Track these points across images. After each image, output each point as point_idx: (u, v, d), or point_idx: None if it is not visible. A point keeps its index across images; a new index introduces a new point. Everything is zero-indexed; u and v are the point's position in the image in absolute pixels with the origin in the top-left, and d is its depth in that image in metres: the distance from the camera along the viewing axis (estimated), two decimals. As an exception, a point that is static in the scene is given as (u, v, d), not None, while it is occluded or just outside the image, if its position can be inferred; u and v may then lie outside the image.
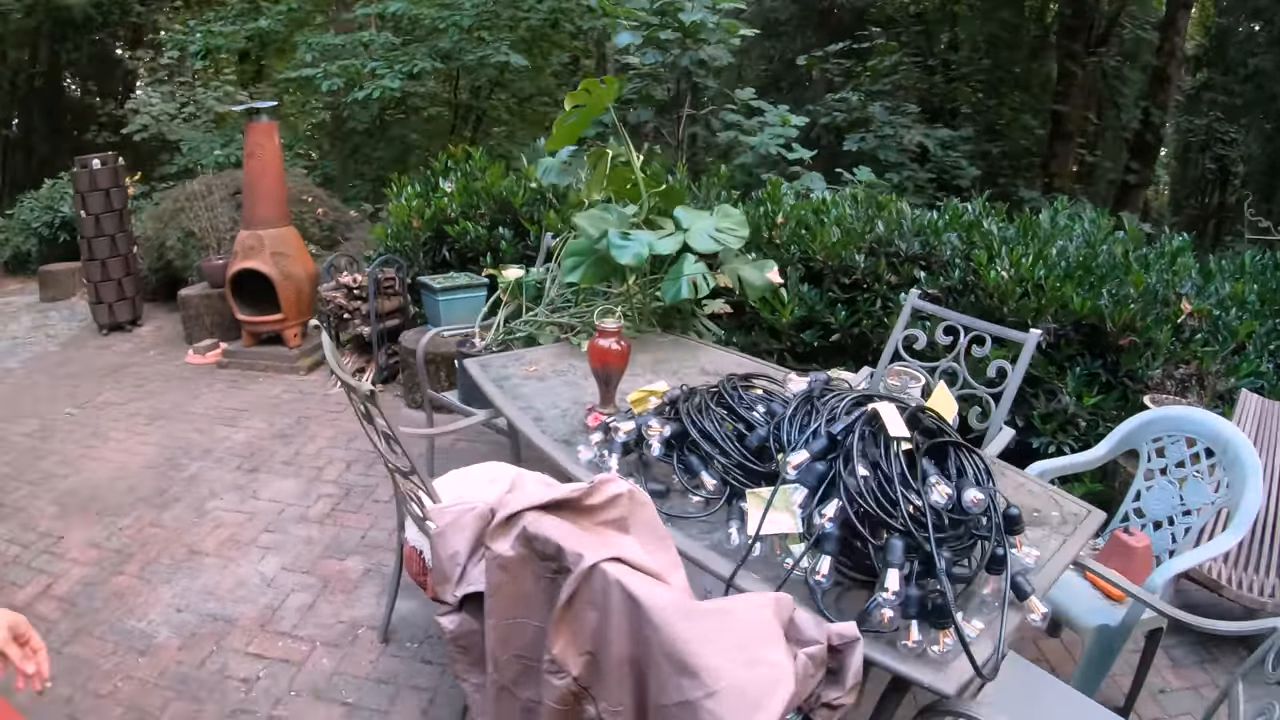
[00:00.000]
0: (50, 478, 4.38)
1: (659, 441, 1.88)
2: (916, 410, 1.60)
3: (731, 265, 2.96)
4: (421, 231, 5.05)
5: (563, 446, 2.18)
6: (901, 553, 1.38)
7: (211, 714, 2.56)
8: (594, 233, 2.88)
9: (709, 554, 1.68)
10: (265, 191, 5.68)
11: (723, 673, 1.23)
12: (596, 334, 2.29)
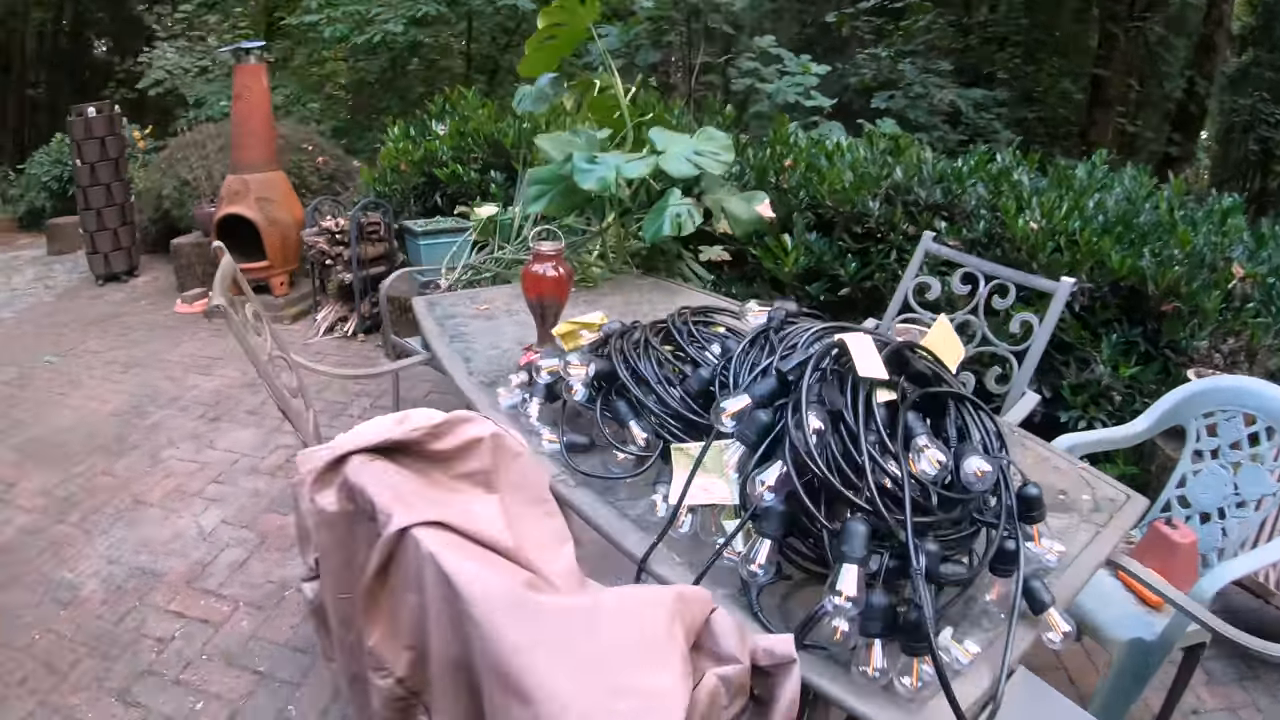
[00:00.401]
0: (17, 425, 4.17)
1: (582, 384, 1.46)
2: (903, 348, 1.14)
3: (715, 196, 2.51)
4: (410, 175, 4.66)
5: (485, 390, 1.77)
6: (864, 542, 0.93)
7: (119, 675, 2.34)
8: (557, 156, 2.45)
9: (626, 528, 1.25)
10: (252, 133, 5.32)
11: (567, 701, 0.80)
12: (531, 258, 1.86)
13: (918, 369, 1.12)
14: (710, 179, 2.59)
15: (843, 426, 1.00)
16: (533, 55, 2.86)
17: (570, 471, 1.40)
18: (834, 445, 1.00)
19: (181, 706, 2.21)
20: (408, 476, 1.09)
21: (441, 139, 4.49)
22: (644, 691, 0.81)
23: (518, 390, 1.65)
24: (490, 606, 0.87)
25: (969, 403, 1.12)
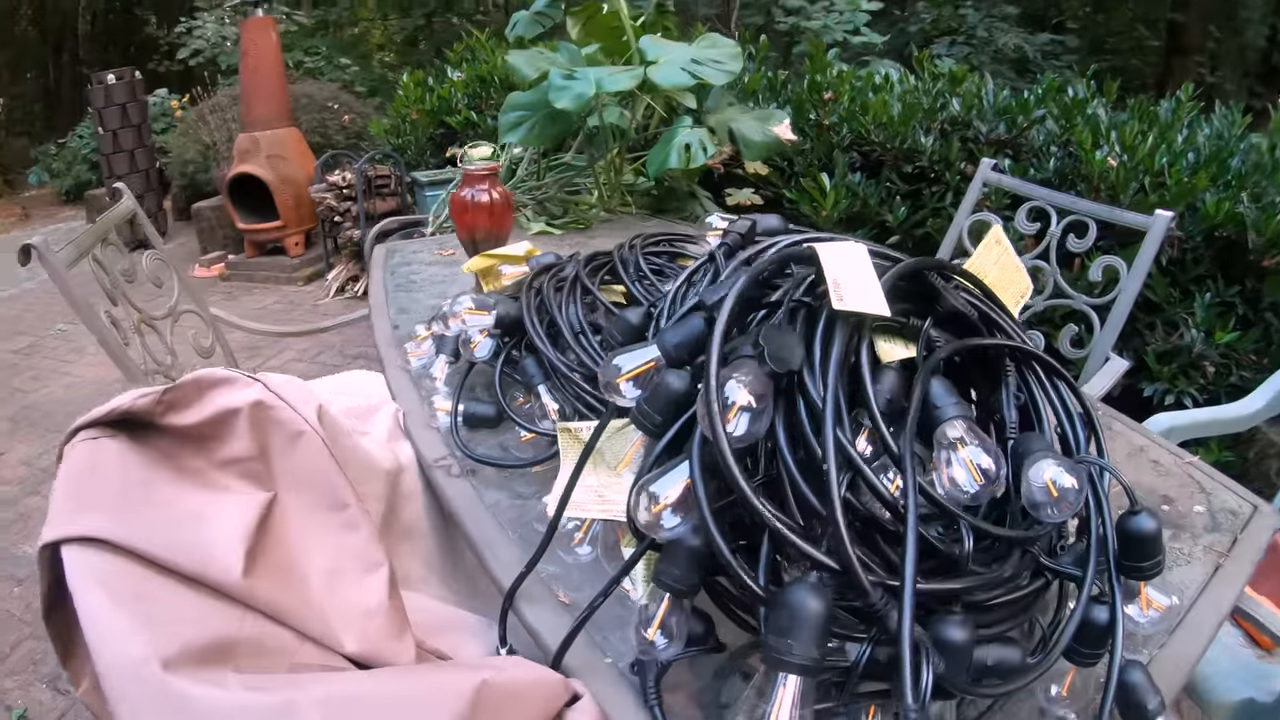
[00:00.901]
0: (15, 393, 4.06)
1: (483, 334, 1.03)
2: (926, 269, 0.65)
3: (723, 116, 2.03)
4: (422, 124, 4.24)
5: (398, 348, 1.34)
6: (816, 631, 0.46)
7: (53, 660, 2.12)
8: (531, 73, 2.00)
9: (503, 542, 0.81)
10: (261, 89, 4.99)
11: None
12: (462, 179, 1.42)
13: (954, 307, 0.65)
14: (718, 97, 2.13)
15: (801, 403, 0.55)
16: None
17: (460, 455, 0.97)
18: (782, 437, 0.54)
19: None
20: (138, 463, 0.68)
21: (455, 85, 4.08)
22: None
23: (428, 346, 1.22)
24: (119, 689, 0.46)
25: (1042, 365, 0.65)
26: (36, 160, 12.41)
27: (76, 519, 0.60)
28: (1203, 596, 0.76)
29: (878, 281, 0.56)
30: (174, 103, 8.73)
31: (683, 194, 2.36)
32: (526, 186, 2.38)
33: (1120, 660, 0.57)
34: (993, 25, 5.75)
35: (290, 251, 5.08)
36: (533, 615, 0.71)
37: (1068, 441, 0.64)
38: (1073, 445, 0.63)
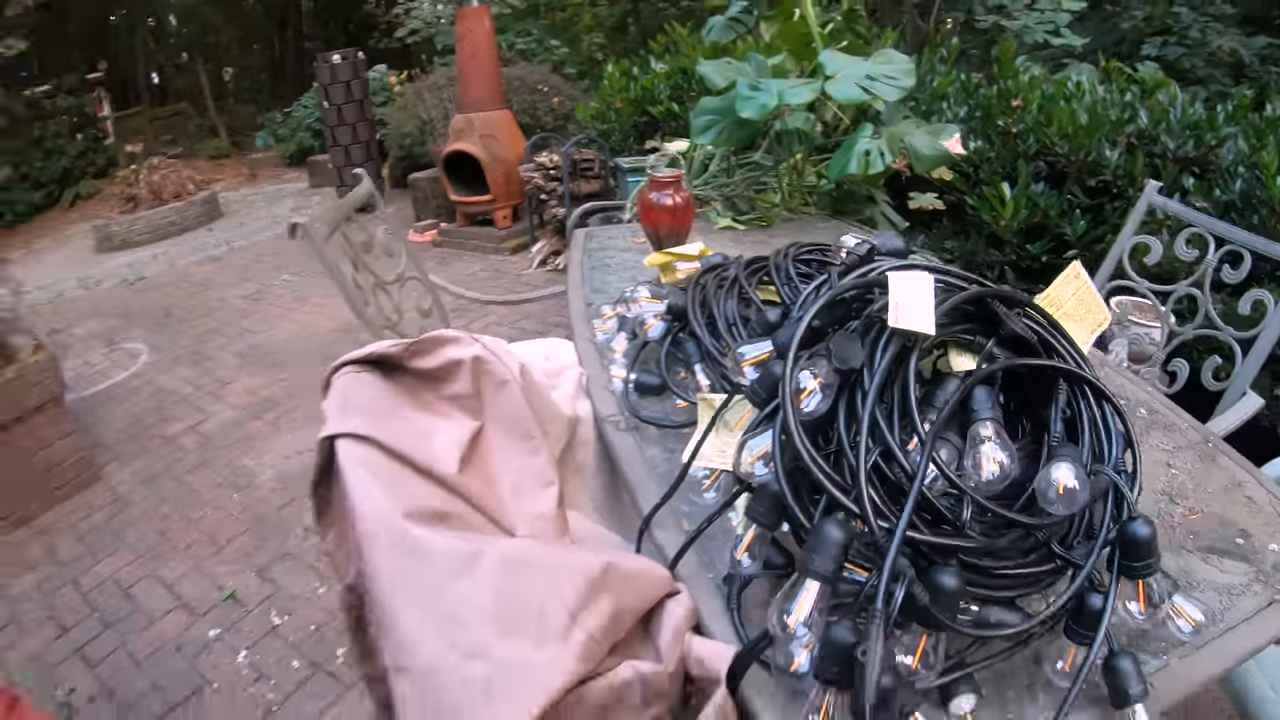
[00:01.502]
0: (244, 334, 4.73)
1: (655, 319, 1.28)
2: (991, 297, 0.83)
3: (895, 129, 2.16)
4: (626, 112, 4.58)
5: (590, 321, 1.62)
6: (837, 553, 0.68)
7: (264, 553, 2.65)
8: (720, 82, 2.23)
9: (652, 483, 1.06)
10: (476, 74, 5.51)
11: (419, 650, 0.67)
12: (649, 184, 1.68)
13: (1015, 331, 0.82)
14: (893, 109, 2.27)
15: (856, 389, 0.75)
16: None
17: (628, 413, 1.23)
18: (841, 417, 0.75)
19: (306, 588, 2.44)
20: (384, 391, 0.98)
21: (658, 76, 4.37)
22: (502, 661, 0.66)
23: (613, 323, 1.50)
24: (373, 534, 0.75)
25: (1090, 387, 0.81)
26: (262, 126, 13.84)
27: (346, 421, 0.90)
28: (1244, 624, 0.87)
29: (932, 307, 0.75)
30: (392, 78, 9.54)
31: (861, 197, 2.51)
32: (717, 183, 2.60)
33: (1107, 642, 0.74)
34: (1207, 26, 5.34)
35: (498, 224, 5.61)
36: (662, 536, 0.96)
37: (1102, 455, 0.80)
38: (1105, 458, 0.79)
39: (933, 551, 0.68)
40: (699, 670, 0.75)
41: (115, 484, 3.19)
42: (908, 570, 0.65)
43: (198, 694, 2.10)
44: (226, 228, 8.24)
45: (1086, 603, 0.74)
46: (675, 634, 0.77)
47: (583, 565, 0.75)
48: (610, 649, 0.77)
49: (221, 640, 2.27)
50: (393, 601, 0.74)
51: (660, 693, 0.76)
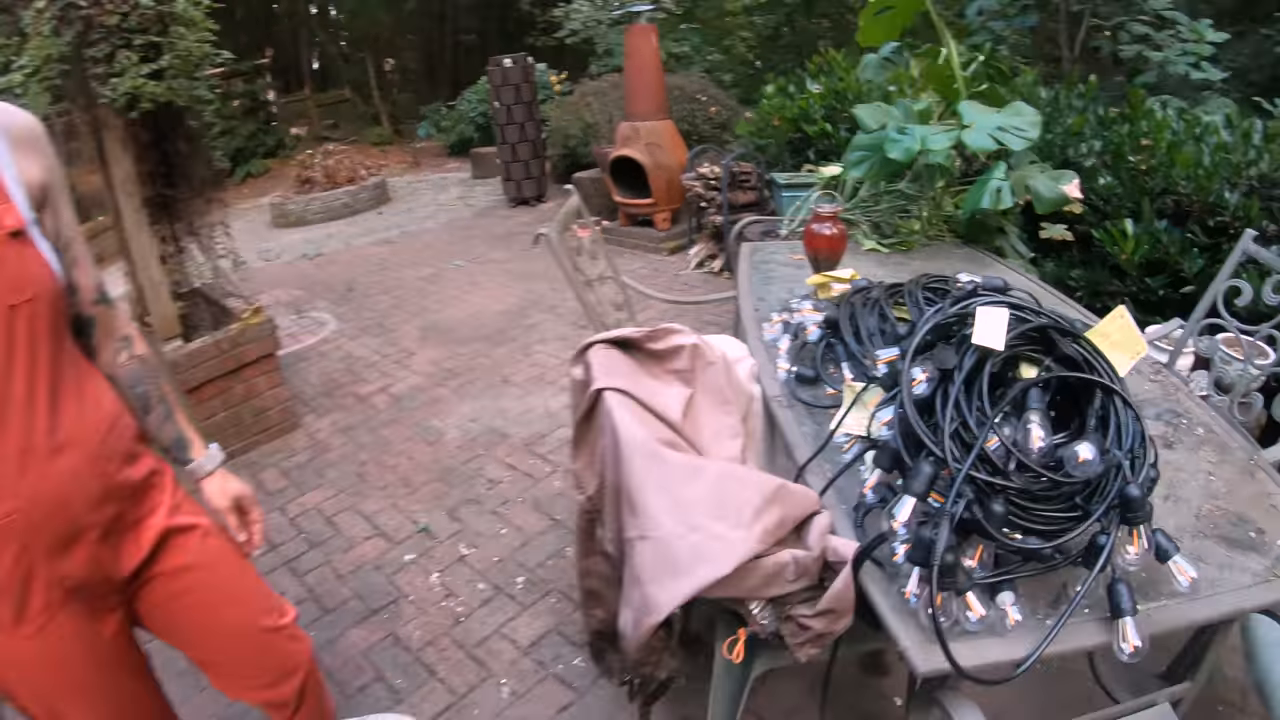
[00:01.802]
0: (424, 311, 5.38)
1: (814, 326, 1.74)
2: (1052, 329, 1.25)
3: (1021, 172, 2.53)
4: (783, 130, 4.99)
5: (757, 324, 2.09)
6: (926, 481, 1.12)
7: (453, 497, 3.17)
8: (872, 125, 2.65)
9: (803, 442, 1.52)
10: (643, 87, 6.04)
11: (658, 523, 1.15)
12: (812, 216, 2.13)
13: (1066, 353, 1.24)
14: (1019, 154, 2.61)
15: (948, 383, 1.18)
16: (868, 26, 3.03)
17: (789, 396, 1.69)
18: (939, 399, 1.18)
19: (490, 529, 2.94)
20: (626, 362, 1.48)
21: (814, 97, 4.76)
22: (710, 535, 1.13)
23: (779, 327, 1.95)
24: (631, 451, 1.23)
25: (1118, 397, 1.22)
26: (424, 117, 14.77)
27: (610, 380, 1.40)
28: (1229, 594, 1.20)
29: (1003, 332, 1.17)
30: (552, 77, 10.17)
31: (992, 228, 2.85)
32: (865, 208, 3.00)
33: (1111, 572, 1.14)
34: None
35: (658, 225, 6.16)
36: (811, 480, 1.42)
37: (1120, 443, 1.19)
38: (1121, 445, 1.19)
39: (988, 488, 1.11)
40: (834, 557, 1.20)
41: (314, 431, 3.85)
42: (969, 493, 1.09)
43: (395, 603, 2.61)
44: (396, 212, 9.04)
45: (1095, 541, 1.15)
46: (819, 535, 1.23)
47: (765, 484, 1.22)
48: (777, 541, 1.23)
49: (416, 564, 2.79)
50: (643, 494, 1.23)
51: (806, 571, 1.22)
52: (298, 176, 9.96)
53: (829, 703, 1.87)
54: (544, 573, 2.65)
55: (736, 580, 1.17)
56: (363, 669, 2.35)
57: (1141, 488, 1.13)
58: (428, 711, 2.17)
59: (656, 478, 1.21)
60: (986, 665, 1.09)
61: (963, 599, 1.10)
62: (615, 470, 1.32)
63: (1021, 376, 1.23)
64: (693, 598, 1.16)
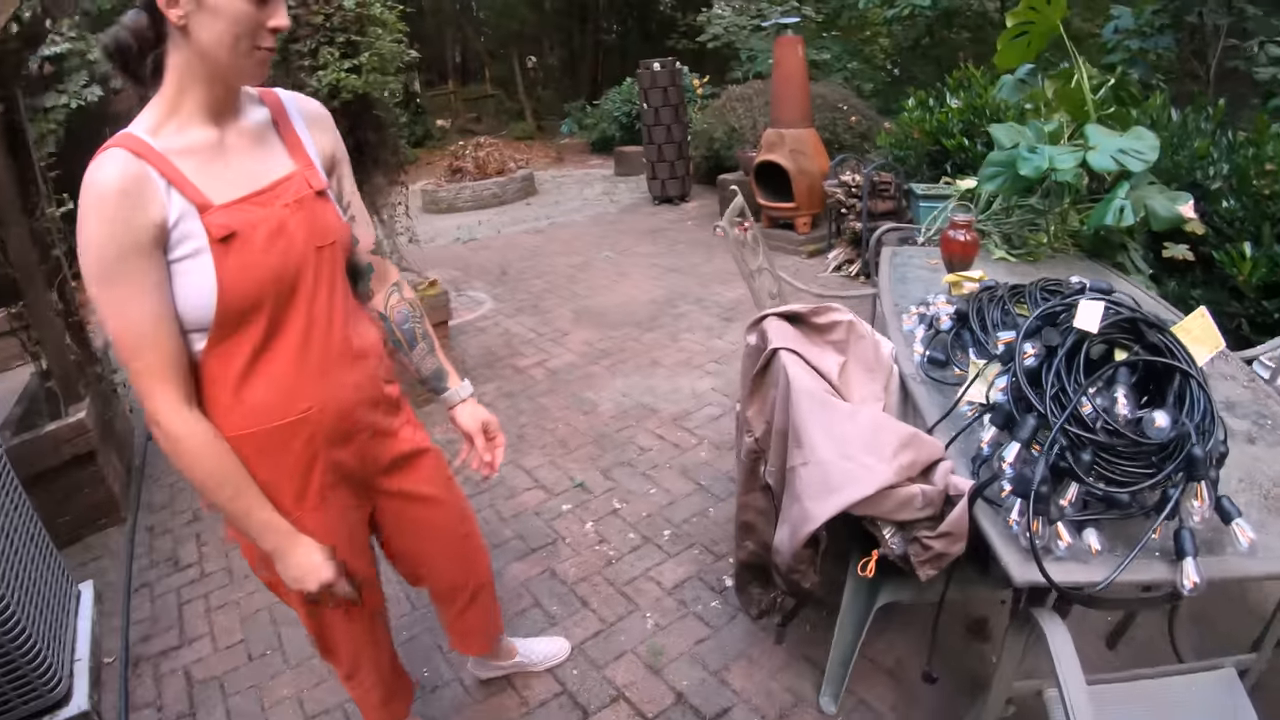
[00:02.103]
0: (575, 296, 5.89)
1: (948, 317, 2.08)
2: (1139, 321, 1.57)
3: (1140, 192, 2.76)
4: (922, 142, 5.24)
5: (898, 315, 2.44)
6: (1029, 431, 1.46)
7: (605, 460, 3.59)
8: (1006, 143, 2.93)
9: (933, 410, 1.87)
10: (788, 96, 6.40)
11: (818, 452, 1.53)
12: (948, 224, 2.46)
13: (1152, 341, 1.55)
14: (1138, 175, 2.81)
15: (1052, 358, 1.52)
16: (1005, 50, 3.29)
17: (923, 374, 2.04)
18: (1045, 370, 1.52)
19: (640, 488, 3.34)
20: (794, 331, 1.87)
21: (953, 112, 5.00)
22: (861, 464, 1.51)
23: (915, 318, 2.30)
24: (800, 396, 1.63)
25: (1195, 381, 1.53)
26: (568, 114, 15.43)
27: (784, 342, 1.79)
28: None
29: (1098, 320, 1.50)
30: (694, 81, 10.58)
31: (1115, 244, 3.08)
32: (997, 220, 3.28)
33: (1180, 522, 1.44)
34: None
35: (798, 229, 6.52)
36: (940, 435, 1.77)
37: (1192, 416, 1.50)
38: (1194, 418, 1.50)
39: (1079, 441, 1.44)
40: (954, 491, 1.56)
41: (478, 395, 4.34)
42: (1063, 441, 1.43)
43: (553, 544, 3.02)
44: (543, 204, 9.63)
45: (1165, 494, 1.46)
46: (942, 475, 1.58)
47: (903, 430, 1.59)
48: (909, 478, 1.59)
49: (572, 513, 3.21)
50: (808, 430, 1.61)
51: (931, 502, 1.58)
52: (449, 166, 10.70)
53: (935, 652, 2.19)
54: (688, 528, 3.02)
55: (877, 501, 1.54)
56: (522, 596, 2.77)
57: (1206, 452, 1.44)
58: (579, 635, 2.56)
59: (820, 418, 1.60)
60: (1071, 583, 1.42)
61: (1054, 528, 1.44)
62: (784, 413, 1.71)
63: (1115, 359, 1.56)
64: (842, 511, 1.54)
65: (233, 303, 1.30)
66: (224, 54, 1.28)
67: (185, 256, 1.27)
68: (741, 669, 2.35)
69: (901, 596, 1.93)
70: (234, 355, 1.36)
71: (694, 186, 8.82)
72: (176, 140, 1.30)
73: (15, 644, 2.23)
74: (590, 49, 18.21)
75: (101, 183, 1.22)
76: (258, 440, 1.40)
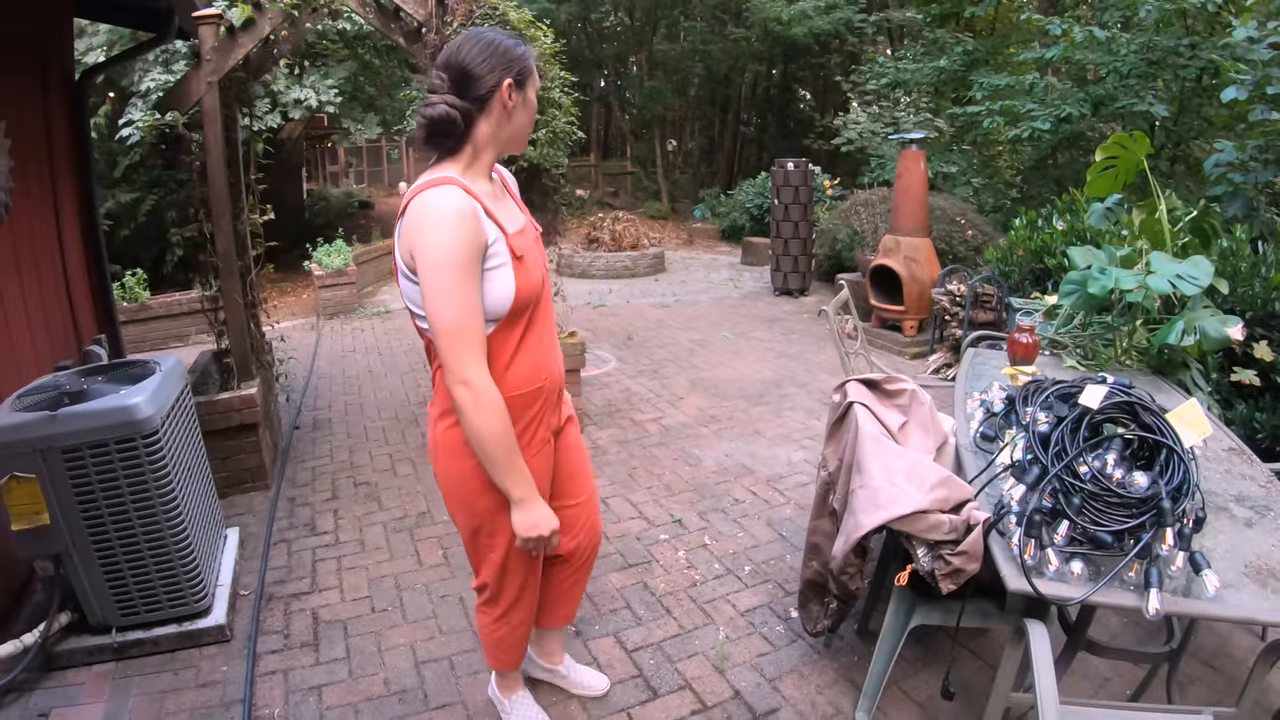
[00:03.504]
0: (693, 367, 6.44)
1: (1000, 401, 2.53)
2: (1136, 404, 2.00)
3: (1193, 314, 3.05)
4: (1026, 260, 5.59)
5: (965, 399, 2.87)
6: (1033, 477, 1.91)
7: (702, 505, 4.07)
8: (1082, 264, 3.34)
9: (978, 465, 2.32)
10: (907, 206, 6.88)
11: (873, 479, 2.01)
12: (1015, 329, 2.91)
13: (1145, 421, 1.99)
14: (1195, 300, 3.11)
15: (1059, 426, 1.97)
16: (1094, 181, 3.70)
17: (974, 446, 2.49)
18: (1054, 435, 1.97)
19: (730, 531, 3.79)
20: (869, 392, 2.37)
21: (1057, 233, 5.34)
22: (904, 491, 1.99)
23: (977, 403, 2.75)
24: (864, 437, 2.13)
25: (1179, 457, 1.94)
26: (701, 199, 16.18)
27: (860, 398, 2.30)
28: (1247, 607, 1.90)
29: (1098, 400, 1.95)
30: (825, 181, 11.13)
31: (1178, 363, 3.37)
32: (1074, 333, 3.66)
33: (1145, 547, 1.86)
34: None
35: (905, 331, 6.94)
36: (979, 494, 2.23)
37: (1170, 481, 1.91)
38: (1183, 488, 1.90)
39: (1071, 488, 1.88)
40: (973, 522, 2.00)
41: (595, 438, 4.94)
42: (1057, 485, 1.87)
43: (648, 563, 3.48)
44: (671, 281, 10.27)
45: (1139, 536, 1.87)
46: (968, 510, 2.03)
47: (941, 472, 2.06)
48: (940, 510, 2.05)
49: (668, 542, 3.67)
50: (867, 462, 2.10)
51: (955, 529, 2.03)
52: (587, 235, 11.49)
53: (952, 670, 2.55)
54: (766, 568, 3.44)
55: (912, 520, 2.00)
56: (615, 599, 3.22)
57: (1177, 507, 1.85)
58: (660, 635, 2.96)
59: (876, 452, 2.09)
60: (1054, 595, 1.83)
61: (1045, 554, 1.88)
62: (851, 452, 2.20)
63: (1115, 432, 2.00)
64: (885, 524, 2.01)
65: (522, 301, 1.80)
66: (522, 132, 1.86)
67: (496, 267, 1.77)
68: (793, 681, 2.74)
69: (931, 619, 2.35)
70: (509, 338, 1.84)
71: (814, 282, 9.30)
72: (475, 186, 1.79)
73: (182, 556, 2.85)
74: (729, 139, 19.09)
75: (456, 206, 1.68)
76: (520, 400, 1.89)
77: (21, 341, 3.49)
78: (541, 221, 4.84)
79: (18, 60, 3.82)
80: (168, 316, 8.11)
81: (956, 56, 10.08)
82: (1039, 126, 7.65)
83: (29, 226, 3.76)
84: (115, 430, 2.60)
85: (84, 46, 8.40)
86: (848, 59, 15.90)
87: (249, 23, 4.15)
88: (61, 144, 4.26)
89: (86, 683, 2.75)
